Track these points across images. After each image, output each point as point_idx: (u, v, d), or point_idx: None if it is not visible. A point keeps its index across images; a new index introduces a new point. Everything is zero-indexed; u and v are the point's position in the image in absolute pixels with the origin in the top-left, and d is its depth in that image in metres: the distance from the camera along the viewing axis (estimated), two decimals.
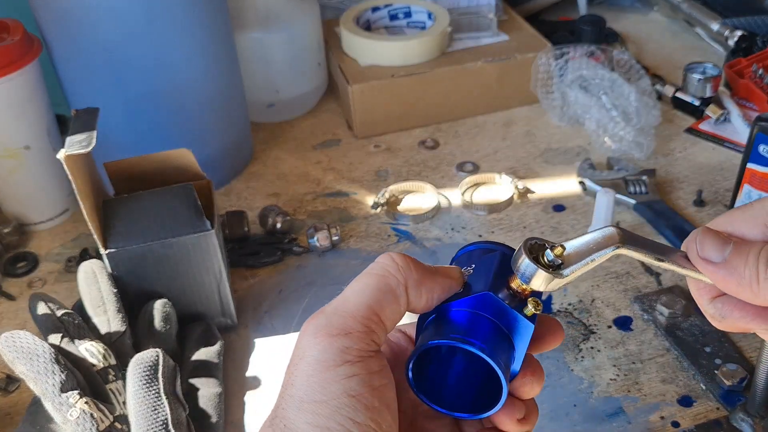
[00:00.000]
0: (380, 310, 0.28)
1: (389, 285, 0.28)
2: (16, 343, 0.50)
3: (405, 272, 0.29)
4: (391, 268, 0.29)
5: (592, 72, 0.87)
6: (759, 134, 0.67)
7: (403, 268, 0.29)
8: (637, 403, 0.56)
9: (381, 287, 0.28)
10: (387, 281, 0.28)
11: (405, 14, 0.99)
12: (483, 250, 0.34)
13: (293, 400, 0.27)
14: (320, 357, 0.26)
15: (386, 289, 0.28)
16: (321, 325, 0.27)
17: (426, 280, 0.30)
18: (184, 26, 0.71)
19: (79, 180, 0.55)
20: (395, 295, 0.28)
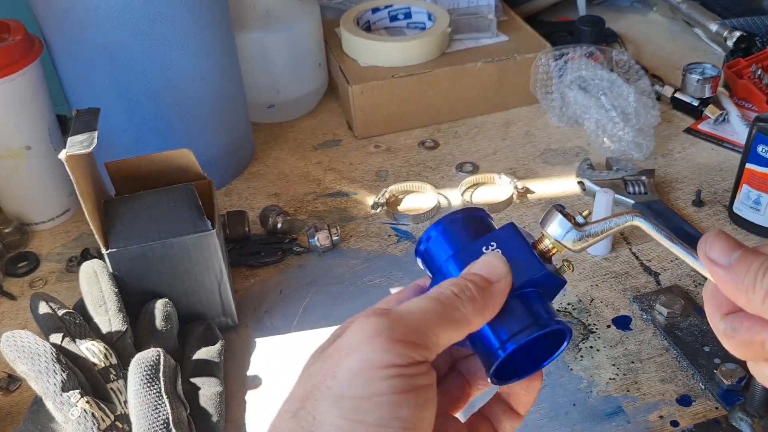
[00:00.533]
0: (441, 334, 0.29)
1: (455, 319, 0.29)
2: (17, 343, 0.50)
3: (471, 306, 0.30)
4: (458, 302, 0.30)
5: (591, 72, 0.87)
6: (758, 134, 0.67)
7: (469, 301, 0.30)
8: (636, 402, 0.56)
9: (448, 317, 0.29)
10: (454, 315, 0.29)
11: (405, 15, 0.99)
12: (472, 219, 0.35)
13: (331, 392, 0.27)
14: (373, 357, 0.27)
15: (452, 320, 0.29)
16: (384, 327, 0.28)
17: (489, 301, 0.30)
18: (185, 27, 0.71)
19: (81, 180, 0.55)
20: (457, 327, 0.29)
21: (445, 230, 0.34)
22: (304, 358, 0.69)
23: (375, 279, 0.70)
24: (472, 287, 0.30)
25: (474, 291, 0.30)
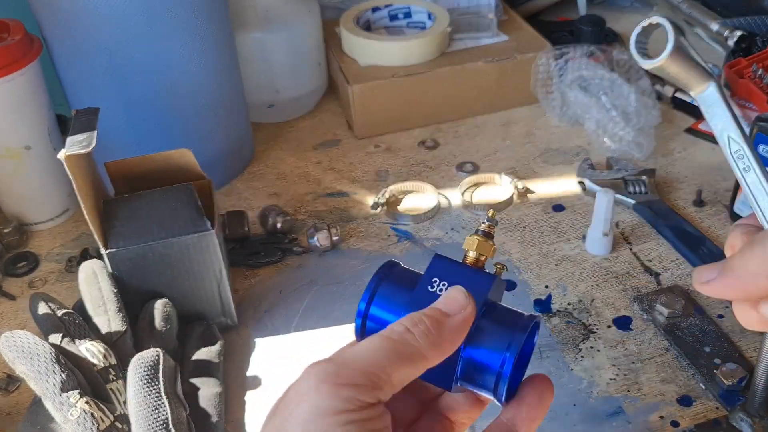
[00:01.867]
0: (393, 373, 0.28)
1: (407, 353, 0.28)
2: (16, 343, 0.50)
3: (424, 340, 0.29)
4: (409, 337, 0.29)
5: (591, 72, 0.87)
6: (758, 134, 0.67)
7: (422, 335, 0.29)
8: (636, 402, 0.56)
9: (399, 352, 0.28)
10: (405, 349, 0.28)
11: (405, 14, 0.99)
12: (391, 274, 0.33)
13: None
14: (321, 404, 0.26)
15: (404, 355, 0.28)
16: (328, 373, 0.27)
17: (446, 334, 0.29)
18: (185, 27, 0.71)
19: (80, 180, 0.55)
20: (410, 363, 0.28)
21: (379, 298, 0.33)
22: (304, 358, 0.69)
23: None
24: (426, 320, 0.29)
25: (428, 324, 0.29)
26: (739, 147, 0.31)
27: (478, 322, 0.31)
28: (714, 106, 0.31)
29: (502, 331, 0.31)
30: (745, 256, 0.28)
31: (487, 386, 0.31)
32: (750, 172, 0.31)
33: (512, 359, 0.30)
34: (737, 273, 0.28)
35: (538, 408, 0.32)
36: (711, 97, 0.31)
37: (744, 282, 0.28)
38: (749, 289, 0.28)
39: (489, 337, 0.31)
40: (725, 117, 0.31)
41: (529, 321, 0.31)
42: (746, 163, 0.31)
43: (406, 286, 0.32)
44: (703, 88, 0.31)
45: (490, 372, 0.30)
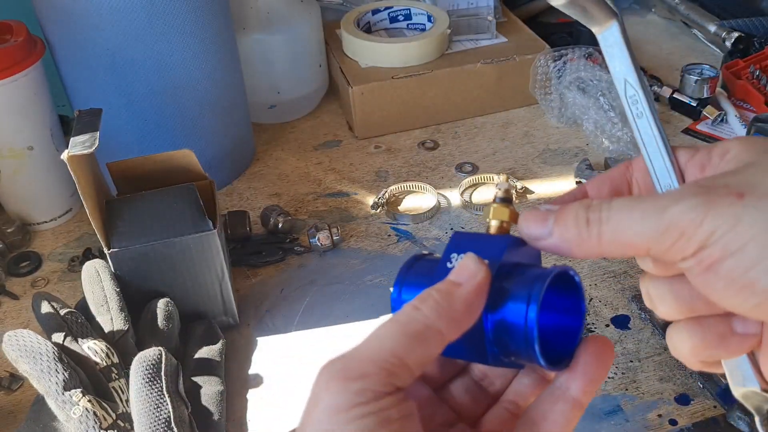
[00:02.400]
0: (405, 355, 0.26)
1: (417, 330, 0.27)
2: (19, 342, 0.51)
3: (434, 314, 0.27)
4: (417, 315, 0.27)
5: (590, 73, 0.88)
6: (756, 135, 0.68)
7: (432, 310, 0.27)
8: (635, 401, 0.57)
9: (408, 332, 0.26)
10: (414, 327, 0.27)
11: (405, 16, 0.99)
12: (419, 259, 0.33)
13: None
14: (332, 402, 0.25)
15: (413, 334, 0.26)
16: (337, 369, 0.26)
17: (459, 304, 0.27)
18: (187, 28, 0.71)
19: (83, 180, 0.56)
20: (423, 341, 0.26)
21: (407, 285, 0.32)
22: (304, 357, 0.69)
23: (375, 279, 0.70)
24: (435, 294, 0.27)
25: (437, 297, 0.27)
26: (635, 92, 0.30)
27: (499, 285, 0.28)
28: (614, 47, 0.30)
29: (523, 286, 0.28)
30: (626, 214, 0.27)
31: (522, 350, 0.28)
32: (642, 118, 0.31)
33: (534, 310, 0.27)
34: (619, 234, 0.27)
35: (595, 368, 0.29)
36: (613, 36, 0.30)
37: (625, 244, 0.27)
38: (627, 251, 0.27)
39: (510, 296, 0.28)
40: (624, 59, 0.30)
41: (552, 270, 0.28)
42: (639, 109, 0.31)
43: (430, 270, 0.31)
44: (607, 27, 0.30)
45: (519, 331, 0.28)
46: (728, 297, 0.25)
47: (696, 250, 0.25)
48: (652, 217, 0.26)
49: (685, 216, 0.25)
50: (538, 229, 0.29)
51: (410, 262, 0.32)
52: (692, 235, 0.25)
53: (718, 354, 0.29)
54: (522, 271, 0.30)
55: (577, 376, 0.29)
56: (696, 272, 0.26)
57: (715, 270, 0.25)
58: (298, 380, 0.60)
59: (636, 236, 0.26)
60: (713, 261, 0.25)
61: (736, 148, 0.28)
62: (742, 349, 0.29)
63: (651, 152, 0.30)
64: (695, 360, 0.30)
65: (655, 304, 0.30)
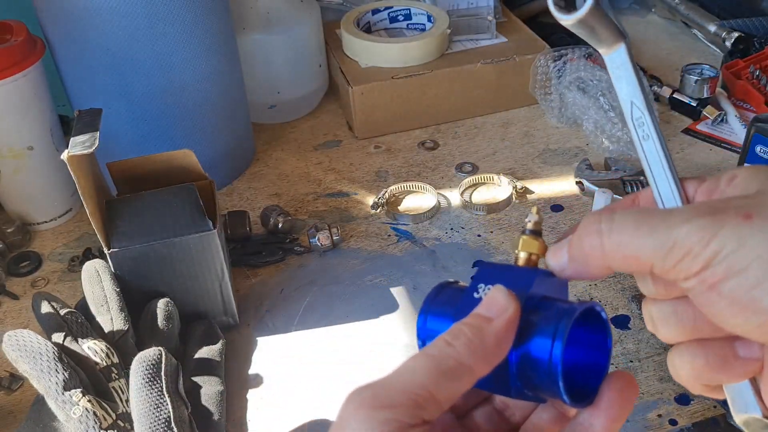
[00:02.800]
0: (436, 390, 0.26)
1: (449, 367, 0.27)
2: (19, 342, 0.51)
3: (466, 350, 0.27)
4: (449, 351, 0.27)
5: (589, 73, 0.88)
6: (756, 135, 0.68)
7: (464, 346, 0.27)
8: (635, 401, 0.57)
9: (440, 367, 0.26)
10: (447, 363, 0.27)
11: (405, 16, 0.99)
12: (445, 287, 0.32)
13: None
14: (359, 429, 0.25)
15: (445, 370, 0.26)
16: (366, 397, 0.26)
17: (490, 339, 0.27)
18: (187, 28, 0.71)
19: (83, 180, 0.56)
20: (454, 377, 0.26)
21: (433, 309, 0.31)
22: (304, 357, 0.69)
23: (375, 279, 0.70)
24: (467, 330, 0.27)
25: (470, 333, 0.27)
26: (641, 114, 0.30)
27: (525, 319, 0.28)
28: (621, 69, 0.30)
29: (550, 321, 0.28)
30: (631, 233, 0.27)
31: (545, 386, 0.28)
32: (648, 140, 0.31)
33: (560, 346, 0.27)
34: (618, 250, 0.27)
35: (619, 406, 0.29)
36: (620, 58, 0.30)
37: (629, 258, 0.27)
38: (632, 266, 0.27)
39: (536, 331, 0.28)
40: (631, 81, 0.30)
41: (579, 306, 0.28)
42: (646, 131, 0.30)
43: (457, 299, 0.31)
44: (615, 49, 0.30)
45: (543, 367, 0.28)
46: (731, 317, 0.25)
47: (700, 269, 0.25)
48: (660, 233, 0.26)
49: (693, 235, 0.25)
50: (558, 259, 0.29)
51: (437, 290, 0.32)
52: (698, 254, 0.25)
53: (721, 378, 0.29)
54: (548, 306, 0.29)
55: (601, 413, 0.29)
56: (699, 291, 0.26)
57: (718, 289, 0.25)
58: (298, 380, 0.60)
59: (640, 250, 0.26)
60: (716, 280, 0.25)
61: (744, 174, 0.28)
62: (745, 373, 0.28)
63: (656, 174, 0.30)
64: (697, 383, 0.30)
65: (658, 326, 0.30)
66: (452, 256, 0.72)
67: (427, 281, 0.69)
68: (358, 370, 0.61)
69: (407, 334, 0.64)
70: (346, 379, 0.60)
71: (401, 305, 0.67)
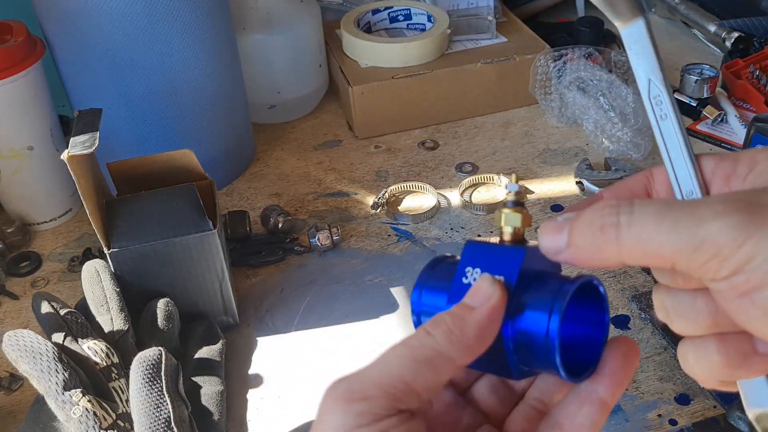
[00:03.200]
0: (413, 380, 0.26)
1: (426, 356, 0.26)
2: (19, 342, 0.51)
3: (445, 339, 0.27)
4: (428, 340, 0.27)
5: (589, 73, 0.88)
6: (756, 135, 0.68)
7: (443, 335, 0.27)
8: (634, 401, 0.57)
9: (418, 357, 0.26)
10: (424, 353, 0.27)
11: (405, 16, 0.99)
12: (438, 263, 0.32)
13: None
14: (335, 423, 0.25)
15: (423, 360, 0.26)
16: (341, 390, 0.26)
17: (470, 330, 0.27)
18: (187, 28, 0.71)
19: (83, 180, 0.56)
20: (431, 367, 0.26)
21: (428, 284, 0.31)
22: (304, 357, 0.69)
23: (375, 278, 0.70)
24: (448, 320, 0.27)
25: (450, 323, 0.27)
26: (659, 92, 0.29)
27: (519, 296, 0.28)
28: (639, 44, 0.29)
29: (545, 297, 0.28)
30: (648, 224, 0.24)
31: (543, 362, 0.28)
32: (666, 120, 0.29)
33: (557, 320, 0.27)
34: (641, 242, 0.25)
35: (623, 370, 0.28)
36: (639, 33, 0.29)
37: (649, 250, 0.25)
38: (651, 260, 0.25)
39: (531, 307, 0.28)
40: (650, 57, 0.29)
41: (576, 281, 0.28)
42: (664, 111, 0.29)
43: (451, 274, 0.30)
44: (632, 22, 0.28)
45: (540, 344, 0.27)
46: (764, 326, 0.24)
47: (731, 273, 0.23)
48: (686, 229, 0.23)
49: (724, 234, 0.23)
50: (555, 241, 0.27)
51: (432, 264, 0.32)
52: (729, 256, 0.23)
53: (740, 374, 0.27)
54: (543, 282, 0.29)
55: (605, 378, 0.28)
56: (728, 296, 0.24)
57: (752, 298, 0.23)
58: (298, 380, 0.60)
59: (662, 247, 0.24)
60: (750, 288, 0.23)
61: (766, 160, 0.26)
62: (764, 369, 0.27)
63: (674, 157, 0.29)
64: (714, 379, 0.28)
65: (672, 318, 0.28)
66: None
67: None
68: None
69: (407, 334, 0.64)
70: None
71: (401, 305, 0.67)
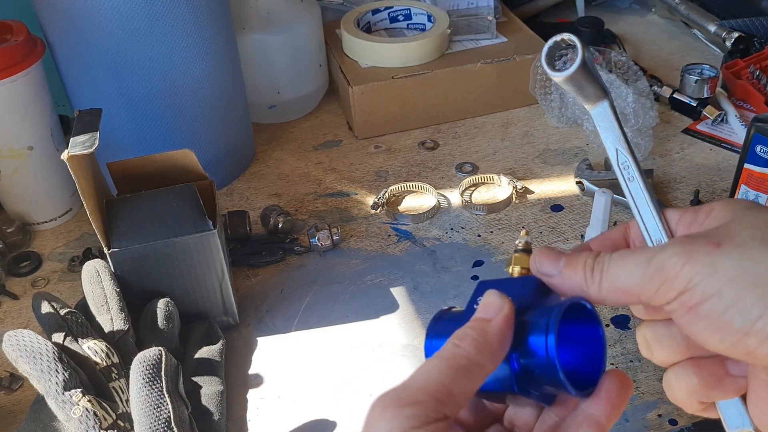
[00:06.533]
0: (452, 386, 0.28)
1: (461, 365, 0.29)
2: (19, 342, 0.51)
3: (474, 348, 0.30)
4: (459, 351, 0.30)
5: None
6: (756, 135, 0.68)
7: (471, 345, 0.30)
8: (634, 401, 0.57)
9: (453, 366, 0.29)
10: (458, 362, 0.29)
11: (405, 16, 0.99)
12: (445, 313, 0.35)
13: None
14: (389, 427, 0.27)
15: (458, 367, 0.29)
16: (390, 399, 0.28)
17: (493, 337, 0.30)
18: (187, 28, 0.71)
19: (83, 180, 0.56)
20: (467, 373, 0.29)
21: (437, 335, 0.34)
22: (304, 357, 0.69)
23: (375, 278, 0.70)
24: (471, 332, 0.30)
25: (474, 334, 0.30)
26: (626, 159, 0.35)
27: (520, 320, 0.31)
28: (606, 121, 0.35)
29: (541, 319, 0.31)
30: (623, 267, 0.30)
31: (548, 378, 0.30)
32: (633, 181, 0.35)
33: (553, 339, 0.30)
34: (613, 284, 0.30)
35: (618, 395, 0.31)
36: (605, 113, 0.35)
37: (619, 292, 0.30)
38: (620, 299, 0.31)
39: (530, 329, 0.31)
40: (615, 131, 0.35)
41: (565, 302, 0.31)
42: (631, 174, 0.35)
43: (457, 317, 0.33)
44: (599, 105, 0.35)
45: (542, 361, 0.30)
46: (709, 336, 0.28)
47: (678, 294, 0.28)
48: (642, 265, 0.29)
49: (667, 263, 0.28)
50: (550, 267, 0.32)
51: (436, 318, 0.35)
52: (674, 278, 0.28)
53: (716, 395, 0.31)
54: (539, 306, 0.32)
55: (601, 401, 0.31)
56: (680, 314, 0.29)
57: (696, 311, 0.28)
58: (298, 380, 0.60)
59: (628, 283, 0.30)
60: (694, 303, 0.28)
61: (719, 207, 0.31)
62: (737, 390, 0.31)
63: (642, 211, 0.34)
64: (693, 401, 0.32)
65: (653, 348, 0.33)
66: (452, 256, 0.72)
67: (427, 281, 0.69)
68: (358, 370, 0.61)
69: (407, 334, 0.64)
70: (346, 380, 0.60)
71: (401, 305, 0.67)
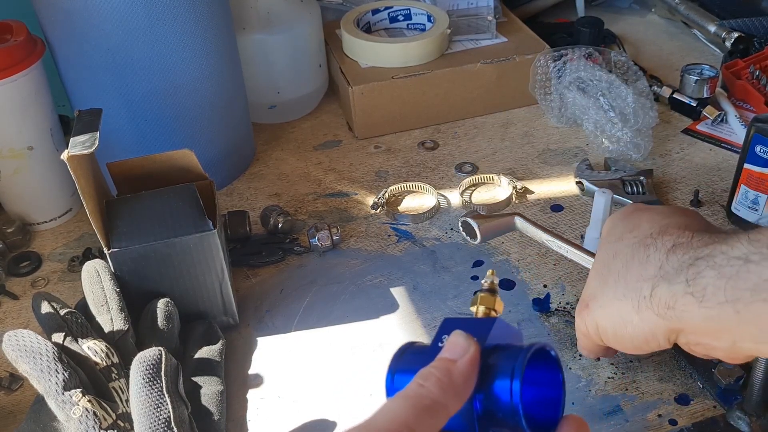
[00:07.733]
0: (416, 427, 0.28)
1: (425, 405, 0.29)
2: (19, 342, 0.51)
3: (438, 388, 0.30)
4: (423, 391, 0.30)
5: (589, 73, 0.88)
6: (756, 135, 0.68)
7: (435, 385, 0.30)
8: (634, 401, 0.57)
9: (417, 405, 0.29)
10: (422, 402, 0.29)
11: (405, 16, 0.99)
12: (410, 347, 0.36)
13: None
14: None
15: (422, 408, 0.29)
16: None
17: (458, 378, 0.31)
18: (187, 28, 0.71)
19: (83, 180, 0.56)
20: (431, 413, 0.29)
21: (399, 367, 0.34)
22: (304, 357, 0.69)
23: (375, 279, 0.70)
24: (435, 372, 0.30)
25: (438, 374, 0.30)
26: (557, 245, 0.48)
27: (485, 362, 0.32)
28: (529, 229, 0.51)
29: (507, 363, 0.31)
30: None
31: (509, 421, 0.31)
32: (569, 255, 0.46)
33: (518, 385, 0.30)
34: None
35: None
36: (523, 225, 0.50)
37: None
38: None
39: (496, 373, 0.31)
40: (539, 231, 0.49)
41: (531, 347, 0.32)
42: (564, 251, 0.48)
43: (422, 353, 0.34)
44: (515, 224, 0.53)
45: (506, 404, 0.31)
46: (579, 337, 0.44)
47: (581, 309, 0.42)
48: None
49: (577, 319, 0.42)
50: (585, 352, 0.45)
51: (400, 351, 0.35)
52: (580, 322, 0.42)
53: None
54: (505, 349, 0.33)
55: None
56: None
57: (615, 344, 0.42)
58: (298, 380, 0.60)
59: None
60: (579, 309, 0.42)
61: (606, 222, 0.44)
62: None
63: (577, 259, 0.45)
64: None
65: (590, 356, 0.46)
66: (452, 256, 0.72)
67: (427, 281, 0.69)
68: (358, 370, 0.61)
69: (407, 334, 0.64)
70: (346, 380, 0.60)
71: (401, 305, 0.67)
